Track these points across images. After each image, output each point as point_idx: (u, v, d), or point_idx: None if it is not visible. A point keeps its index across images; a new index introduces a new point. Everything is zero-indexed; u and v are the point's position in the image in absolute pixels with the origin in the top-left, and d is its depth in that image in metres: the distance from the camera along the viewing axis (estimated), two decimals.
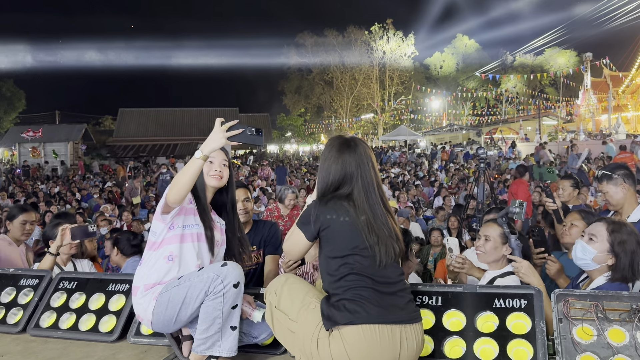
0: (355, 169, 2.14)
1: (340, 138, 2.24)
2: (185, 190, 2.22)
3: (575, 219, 3.30)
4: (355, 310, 1.96)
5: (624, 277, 2.45)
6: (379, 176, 2.20)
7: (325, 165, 2.18)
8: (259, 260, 3.42)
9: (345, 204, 2.09)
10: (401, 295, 2.08)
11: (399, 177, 17.80)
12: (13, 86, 43.06)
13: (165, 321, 2.33)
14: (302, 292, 2.17)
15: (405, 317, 2.02)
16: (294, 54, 50.45)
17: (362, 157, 2.16)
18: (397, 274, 2.12)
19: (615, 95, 34.30)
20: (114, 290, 3.12)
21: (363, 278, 2.02)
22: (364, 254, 2.04)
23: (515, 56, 51.46)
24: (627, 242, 2.46)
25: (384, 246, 2.05)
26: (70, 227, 3.34)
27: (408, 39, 47.62)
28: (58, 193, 17.04)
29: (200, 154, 2.19)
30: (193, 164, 2.19)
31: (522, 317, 2.39)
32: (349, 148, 2.17)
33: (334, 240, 2.07)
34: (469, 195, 9.27)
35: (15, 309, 3.19)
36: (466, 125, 43.19)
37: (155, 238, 2.41)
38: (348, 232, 2.05)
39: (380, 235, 2.06)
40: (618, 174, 3.35)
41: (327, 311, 2.01)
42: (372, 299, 1.99)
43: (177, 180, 2.21)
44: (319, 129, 52.08)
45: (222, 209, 2.68)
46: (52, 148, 33.60)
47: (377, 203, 2.13)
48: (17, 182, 22.71)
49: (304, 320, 2.08)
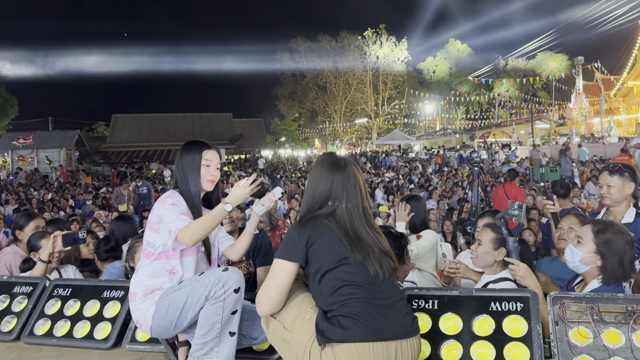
0: (341, 190, 2.12)
1: (331, 157, 2.24)
2: (202, 237, 2.30)
3: (573, 223, 3.27)
4: (349, 327, 1.93)
5: (615, 277, 2.44)
6: (365, 198, 2.18)
7: (314, 183, 2.17)
8: (249, 270, 3.36)
9: (326, 221, 2.07)
10: (398, 309, 2.04)
11: (393, 182, 17.84)
12: (6, 92, 42.79)
13: (165, 326, 2.31)
14: (298, 301, 2.14)
15: (402, 332, 1.99)
16: (288, 59, 50.59)
17: (350, 179, 2.14)
18: (392, 288, 2.09)
19: (607, 98, 34.56)
20: (108, 297, 3.10)
21: (356, 290, 1.98)
22: (352, 265, 2.00)
23: (508, 60, 51.76)
24: (613, 241, 2.44)
25: (377, 262, 2.03)
26: (60, 234, 3.34)
27: (401, 44, 47.86)
28: (51, 199, 16.94)
29: (230, 208, 2.32)
30: (220, 216, 2.31)
31: (519, 320, 2.39)
32: (338, 168, 2.16)
33: (321, 256, 2.02)
34: (463, 199, 9.29)
35: (9, 317, 3.17)
36: (459, 130, 43.36)
37: (153, 250, 2.39)
38: (333, 245, 2.02)
39: (368, 253, 2.03)
40: (628, 172, 3.36)
41: (321, 325, 1.98)
42: (366, 314, 1.95)
43: (199, 228, 2.26)
44: (313, 133, 52.16)
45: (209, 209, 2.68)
46: (45, 155, 33.43)
47: (361, 225, 2.10)
48: (9, 190, 22.55)
49: (298, 330, 2.05)
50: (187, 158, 2.50)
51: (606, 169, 3.46)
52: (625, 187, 3.34)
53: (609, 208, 3.48)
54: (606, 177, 3.41)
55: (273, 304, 2.09)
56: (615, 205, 3.39)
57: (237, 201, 2.35)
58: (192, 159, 2.49)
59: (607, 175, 3.41)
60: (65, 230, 3.57)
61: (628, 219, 3.27)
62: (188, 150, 2.52)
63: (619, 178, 3.35)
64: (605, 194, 3.41)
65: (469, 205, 8.43)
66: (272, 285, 2.07)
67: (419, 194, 3.98)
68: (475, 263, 2.90)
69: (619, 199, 3.36)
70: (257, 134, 46.14)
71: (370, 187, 16.16)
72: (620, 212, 3.38)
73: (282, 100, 52.17)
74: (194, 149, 2.51)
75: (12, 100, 43.25)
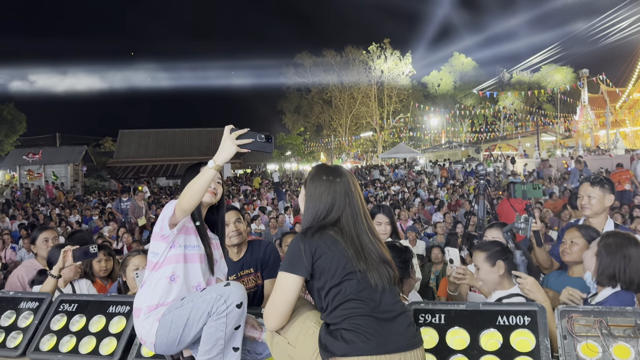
0: (344, 198, 2.11)
1: (326, 167, 2.22)
2: (196, 199, 2.20)
3: (575, 237, 3.23)
4: (352, 341, 1.92)
5: (608, 277, 2.49)
6: (364, 204, 2.18)
7: (315, 194, 2.14)
8: (257, 283, 3.36)
9: (332, 232, 2.06)
10: (400, 321, 2.03)
11: (399, 195, 17.81)
12: (14, 109, 43.21)
13: (169, 343, 2.30)
14: (302, 316, 2.13)
15: (405, 344, 1.98)
16: (293, 74, 50.87)
17: (349, 186, 2.14)
18: (395, 299, 2.07)
19: (613, 110, 34.47)
20: (114, 312, 3.10)
21: (360, 304, 1.97)
22: (357, 279, 1.99)
23: (512, 73, 51.89)
24: (612, 244, 2.52)
25: (376, 271, 2.02)
26: (71, 249, 3.34)
27: (405, 58, 48.06)
28: (58, 215, 17.02)
29: (213, 164, 2.18)
30: (205, 174, 2.17)
31: (526, 335, 2.36)
32: (337, 176, 2.15)
33: (327, 270, 2.01)
34: (469, 212, 9.24)
35: (15, 333, 3.17)
36: (465, 143, 43.34)
37: (157, 258, 2.39)
38: (338, 259, 2.00)
39: (369, 261, 2.03)
40: (608, 185, 3.44)
41: (324, 340, 1.97)
42: (369, 327, 1.94)
43: (189, 189, 2.19)
44: (318, 147, 52.24)
45: (213, 227, 2.68)
46: (52, 170, 33.67)
47: (364, 231, 2.10)
48: (17, 205, 22.69)
49: (302, 346, 2.04)
50: (191, 176, 2.50)
51: (587, 180, 3.52)
52: (606, 199, 3.42)
53: (587, 218, 3.53)
54: (587, 188, 3.46)
55: (280, 318, 2.07)
56: (594, 217, 3.45)
57: (223, 156, 2.17)
58: (193, 174, 2.50)
59: (588, 186, 3.47)
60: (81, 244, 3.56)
61: (609, 228, 3.34)
62: (192, 170, 2.53)
63: (600, 190, 3.42)
64: (586, 204, 3.46)
65: (475, 219, 8.38)
66: (278, 299, 2.05)
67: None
68: (486, 288, 2.90)
69: (599, 210, 3.43)
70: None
71: (376, 200, 16.13)
72: (599, 223, 3.44)
73: (288, 115, 52.36)
74: (197, 167, 2.52)
75: (21, 117, 43.63)
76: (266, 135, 2.23)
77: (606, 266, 2.48)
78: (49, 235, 4.15)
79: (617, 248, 2.49)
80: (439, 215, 11.95)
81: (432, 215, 13.68)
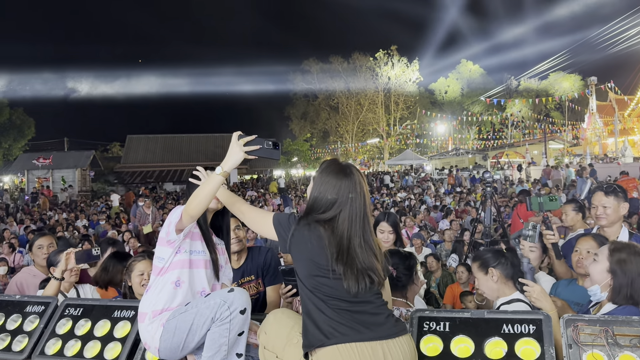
0: (347, 198, 2.08)
1: (337, 164, 2.20)
2: (204, 205, 2.21)
3: (592, 247, 3.08)
4: (329, 332, 1.94)
5: (625, 297, 2.41)
6: (368, 206, 2.15)
7: (320, 188, 2.13)
8: (258, 290, 3.35)
9: (322, 229, 2.05)
10: (378, 312, 2.02)
11: (405, 202, 17.78)
12: (23, 114, 43.59)
13: (173, 348, 2.31)
14: (288, 328, 2.15)
15: (385, 333, 1.98)
16: (300, 80, 51.09)
17: (355, 186, 2.11)
18: (372, 293, 2.05)
19: (621, 118, 34.31)
20: (119, 317, 3.10)
21: (334, 300, 1.98)
22: (333, 277, 1.99)
23: (520, 81, 51.80)
24: (627, 261, 2.43)
25: (353, 277, 1.98)
26: (73, 251, 3.36)
27: (412, 65, 48.12)
28: (65, 219, 17.11)
29: (220, 170, 2.19)
30: (212, 180, 2.18)
31: (531, 343, 2.34)
32: (345, 175, 2.12)
33: (303, 259, 2.04)
34: (475, 219, 9.22)
35: (20, 336, 3.18)
36: (472, 150, 43.24)
37: (163, 263, 2.40)
38: (316, 255, 2.01)
39: (349, 265, 2.00)
40: (622, 193, 3.38)
41: (304, 337, 2.00)
42: (345, 318, 1.96)
43: (196, 195, 2.20)
44: (325, 153, 52.30)
45: (218, 232, 2.70)
46: (60, 175, 33.87)
47: (358, 235, 2.06)
48: (25, 210, 22.83)
49: (288, 356, 2.08)
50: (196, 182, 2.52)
51: (600, 190, 3.45)
52: (620, 207, 3.36)
53: (601, 228, 3.46)
54: (601, 198, 3.39)
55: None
56: (609, 226, 3.38)
57: (231, 162, 2.18)
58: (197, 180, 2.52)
59: (602, 196, 3.39)
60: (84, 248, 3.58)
61: (623, 239, 3.26)
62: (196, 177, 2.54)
63: (615, 199, 3.36)
64: (601, 214, 3.39)
65: (481, 226, 8.36)
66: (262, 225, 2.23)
67: None
68: (489, 297, 2.89)
69: (615, 219, 3.37)
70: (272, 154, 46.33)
71: (382, 207, 16.10)
72: (613, 232, 3.37)
73: (295, 121, 52.52)
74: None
75: (29, 122, 43.98)
76: (273, 142, 2.23)
77: (623, 285, 2.41)
78: (43, 242, 4.17)
79: (632, 265, 2.42)
80: (445, 223, 11.90)
81: (438, 222, 13.64)
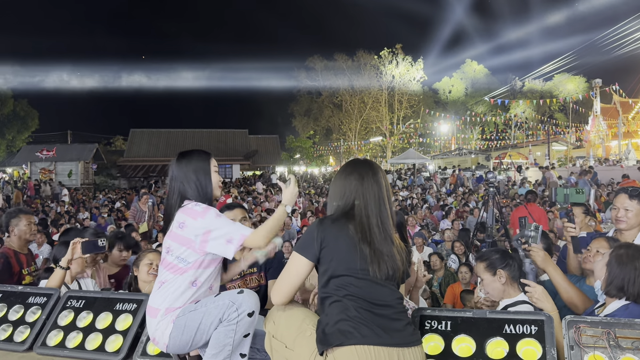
0: (370, 193, 2.15)
1: (362, 162, 2.27)
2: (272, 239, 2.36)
3: (603, 247, 3.13)
4: (348, 332, 1.93)
5: (616, 288, 2.44)
6: (385, 192, 2.20)
7: (344, 184, 2.19)
8: (260, 283, 3.37)
9: (349, 225, 2.09)
10: (398, 319, 2.04)
11: (407, 200, 17.77)
12: (27, 106, 43.63)
13: (182, 345, 2.30)
14: (299, 319, 2.15)
15: (403, 341, 1.98)
16: (304, 77, 50.95)
17: (380, 182, 2.18)
18: (394, 297, 2.08)
19: (625, 121, 34.24)
20: (121, 310, 3.11)
21: (358, 300, 1.99)
22: (359, 276, 2.02)
23: (524, 82, 51.65)
24: (624, 255, 2.46)
25: (376, 260, 2.04)
26: (80, 240, 3.36)
27: (417, 64, 47.97)
28: (67, 212, 17.14)
29: (290, 209, 2.43)
30: (282, 216, 2.39)
31: (533, 344, 2.35)
32: (371, 173, 2.19)
33: (331, 260, 2.05)
34: (480, 222, 9.20)
35: (22, 327, 3.19)
36: (475, 150, 43.16)
37: (184, 265, 2.34)
38: (344, 252, 2.04)
39: (372, 247, 2.05)
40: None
41: (320, 334, 1.99)
42: (366, 320, 1.96)
43: (268, 229, 2.31)
44: (327, 151, 52.27)
45: None
46: (63, 167, 33.93)
47: (374, 214, 2.13)
48: (27, 201, 22.89)
49: (300, 348, 2.06)
50: (198, 164, 2.50)
51: (625, 192, 3.37)
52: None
53: (618, 231, 3.41)
54: (625, 201, 3.33)
55: (285, 295, 2.17)
56: (628, 229, 3.33)
57: (292, 200, 2.44)
58: (202, 165, 2.51)
59: (626, 198, 3.33)
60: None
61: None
62: (197, 158, 2.52)
63: (638, 203, 3.29)
64: (622, 217, 3.33)
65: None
66: (285, 277, 2.15)
67: None
68: (494, 298, 2.88)
69: (635, 224, 3.31)
70: (272, 150, 46.35)
71: None
72: (630, 236, 3.32)
73: (298, 118, 52.47)
74: (200, 156, 2.53)
75: (33, 114, 44.02)
76: None
77: (615, 276, 2.45)
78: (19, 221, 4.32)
79: (628, 259, 2.44)
80: (446, 223, 11.89)
81: (439, 221, 13.64)
